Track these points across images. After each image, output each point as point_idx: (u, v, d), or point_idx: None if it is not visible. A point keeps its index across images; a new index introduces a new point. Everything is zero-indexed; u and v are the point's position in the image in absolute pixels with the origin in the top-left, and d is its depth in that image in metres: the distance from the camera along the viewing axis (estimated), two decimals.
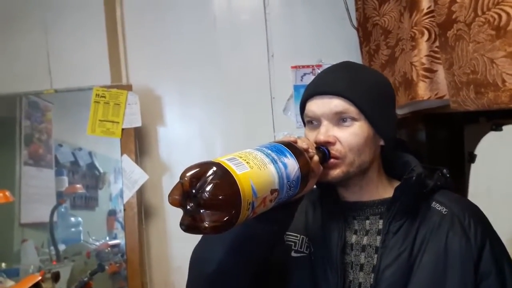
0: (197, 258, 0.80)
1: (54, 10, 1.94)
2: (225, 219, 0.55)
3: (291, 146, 0.70)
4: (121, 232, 1.88)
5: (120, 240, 1.88)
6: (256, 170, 0.60)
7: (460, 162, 1.47)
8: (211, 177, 0.55)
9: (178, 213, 0.58)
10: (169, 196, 0.58)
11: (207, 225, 0.54)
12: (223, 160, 0.59)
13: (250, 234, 0.72)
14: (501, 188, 1.78)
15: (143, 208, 1.96)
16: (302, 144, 0.73)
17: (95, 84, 1.87)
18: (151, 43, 2.01)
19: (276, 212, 0.69)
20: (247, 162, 0.60)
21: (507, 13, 0.77)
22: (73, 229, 1.96)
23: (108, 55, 1.93)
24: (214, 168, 0.56)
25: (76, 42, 1.94)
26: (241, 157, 0.61)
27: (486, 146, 1.43)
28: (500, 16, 0.79)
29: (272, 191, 0.62)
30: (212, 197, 0.54)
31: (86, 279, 1.64)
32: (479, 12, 0.83)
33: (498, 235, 0.85)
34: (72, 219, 1.96)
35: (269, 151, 0.65)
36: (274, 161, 0.64)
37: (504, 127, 1.34)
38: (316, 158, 0.74)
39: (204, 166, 0.57)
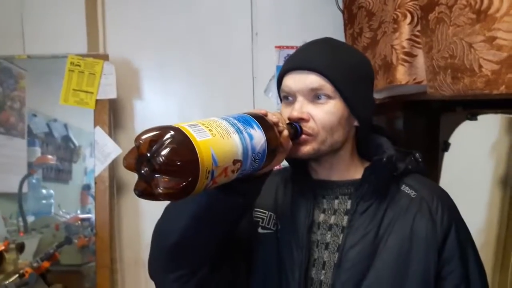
0: (159, 230, 0.78)
1: None
2: (180, 185, 0.52)
3: (260, 118, 0.68)
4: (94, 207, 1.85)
5: (91, 215, 1.85)
6: (218, 138, 0.58)
7: (435, 150, 1.48)
8: (168, 141, 0.52)
9: None
10: (124, 159, 0.55)
11: (161, 191, 0.52)
12: (184, 125, 0.57)
13: (214, 204, 0.70)
14: (473, 178, 1.80)
15: (115, 182, 1.92)
16: (272, 117, 0.71)
17: (70, 52, 1.80)
18: (132, 12, 1.94)
19: (241, 184, 0.68)
20: (209, 130, 0.58)
21: None
22: (44, 201, 1.92)
23: (86, 22, 1.85)
24: (172, 133, 0.54)
25: (52, 7, 1.85)
26: (203, 124, 0.59)
27: (461, 135, 1.44)
28: None
29: (235, 162, 0.59)
30: (168, 161, 0.51)
31: (52, 251, 1.60)
32: None
33: (464, 221, 0.86)
34: (44, 191, 1.91)
35: (235, 121, 0.63)
36: (239, 131, 0.62)
37: (479, 117, 1.35)
38: (285, 132, 0.72)
39: (162, 130, 0.54)
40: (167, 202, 0.79)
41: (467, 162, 1.77)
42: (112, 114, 1.87)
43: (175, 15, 1.95)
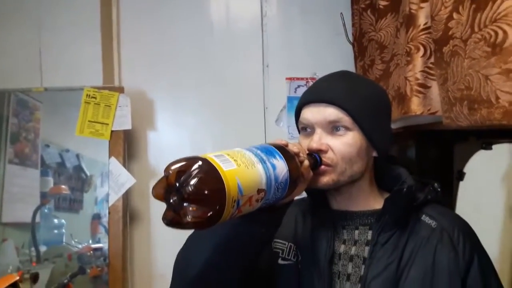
0: (182, 260, 0.78)
1: (48, 7, 1.92)
2: (208, 214, 0.54)
3: (282, 149, 0.69)
4: (105, 237, 1.84)
5: (103, 244, 1.84)
6: (243, 168, 0.59)
7: (448, 179, 1.48)
8: (196, 171, 0.54)
9: None
10: (152, 189, 0.57)
11: (189, 220, 0.53)
12: (210, 156, 0.59)
13: (237, 235, 0.71)
14: (488, 207, 1.79)
15: (128, 212, 1.93)
16: (293, 148, 0.72)
17: (86, 84, 1.85)
18: (146, 46, 2.00)
19: (263, 214, 0.69)
20: (234, 160, 0.60)
21: (504, 31, 0.78)
22: (55, 231, 1.91)
23: (102, 55, 1.90)
24: (200, 163, 0.56)
25: (70, 40, 1.91)
26: (228, 155, 0.61)
27: (475, 164, 1.44)
28: (496, 33, 0.80)
29: (259, 191, 0.61)
30: (196, 191, 0.53)
31: (66, 281, 1.60)
32: (476, 29, 0.84)
33: (485, 251, 0.85)
34: (55, 220, 1.91)
35: (259, 151, 0.65)
36: (262, 161, 0.63)
37: (493, 146, 1.35)
38: (306, 162, 0.73)
39: (190, 161, 0.56)
40: (179, 233, 0.80)
41: (481, 191, 1.75)
42: (126, 145, 1.89)
43: (189, 47, 2.01)
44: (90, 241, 1.86)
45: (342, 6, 1.82)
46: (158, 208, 0.56)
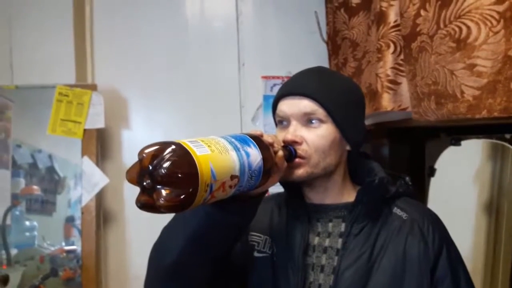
0: (157, 249, 0.78)
1: (19, 4, 1.87)
2: (181, 197, 0.54)
3: (256, 138, 0.70)
4: (79, 240, 1.81)
5: (76, 246, 1.81)
6: (216, 154, 0.60)
7: (420, 176, 1.52)
8: (169, 154, 0.55)
9: (138, 219, 0.56)
10: (126, 173, 0.57)
11: (162, 203, 0.54)
12: (184, 141, 0.59)
13: (212, 223, 0.71)
14: (459, 201, 1.83)
15: (102, 213, 1.89)
16: (267, 138, 0.73)
17: (58, 82, 1.81)
18: (120, 44, 1.97)
19: (238, 203, 0.70)
20: (208, 146, 0.61)
21: (468, 26, 0.81)
22: (27, 234, 1.87)
23: (74, 53, 1.87)
24: (174, 147, 0.56)
25: (42, 37, 1.87)
26: (203, 141, 0.62)
27: (446, 160, 1.47)
28: (460, 29, 0.83)
29: (232, 177, 0.62)
30: (170, 173, 0.53)
31: (37, 283, 1.56)
32: (442, 25, 0.87)
33: (454, 242, 0.88)
34: (27, 223, 1.87)
35: (233, 139, 0.66)
36: (236, 149, 0.64)
37: (462, 142, 1.39)
38: (280, 153, 0.74)
39: (163, 145, 0.57)
40: (156, 230, 0.80)
41: (453, 187, 1.79)
42: (99, 144, 1.86)
43: (163, 46, 1.99)
44: (63, 244, 1.83)
45: (316, 5, 1.84)
46: (133, 208, 0.56)
